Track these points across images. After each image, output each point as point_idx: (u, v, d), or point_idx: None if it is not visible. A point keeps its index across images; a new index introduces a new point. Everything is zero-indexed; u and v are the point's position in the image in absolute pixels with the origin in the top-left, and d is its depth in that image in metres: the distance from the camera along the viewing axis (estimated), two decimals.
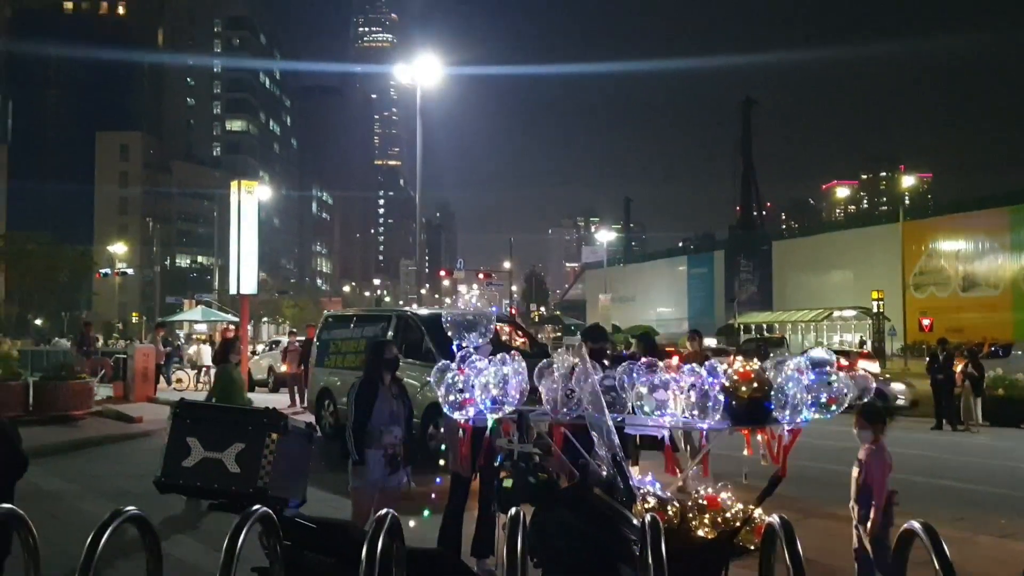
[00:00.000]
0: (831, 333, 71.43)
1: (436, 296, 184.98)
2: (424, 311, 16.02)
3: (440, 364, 5.77)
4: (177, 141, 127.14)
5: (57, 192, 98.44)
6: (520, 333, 17.77)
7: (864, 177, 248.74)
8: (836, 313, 69.35)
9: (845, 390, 4.79)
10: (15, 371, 18.03)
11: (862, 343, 61.04)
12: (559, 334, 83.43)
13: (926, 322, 49.37)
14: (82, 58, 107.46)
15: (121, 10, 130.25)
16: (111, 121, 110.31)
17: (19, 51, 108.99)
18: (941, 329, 43.16)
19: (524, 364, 5.49)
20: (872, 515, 6.01)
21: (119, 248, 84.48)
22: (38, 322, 79.86)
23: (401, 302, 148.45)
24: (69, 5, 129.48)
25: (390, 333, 14.58)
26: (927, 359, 28.02)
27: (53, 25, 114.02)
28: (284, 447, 5.19)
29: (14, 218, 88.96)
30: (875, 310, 53.94)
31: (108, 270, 77.76)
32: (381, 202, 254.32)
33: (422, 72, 31.44)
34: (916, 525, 3.55)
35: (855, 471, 6.27)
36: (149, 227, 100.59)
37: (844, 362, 5.36)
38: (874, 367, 38.63)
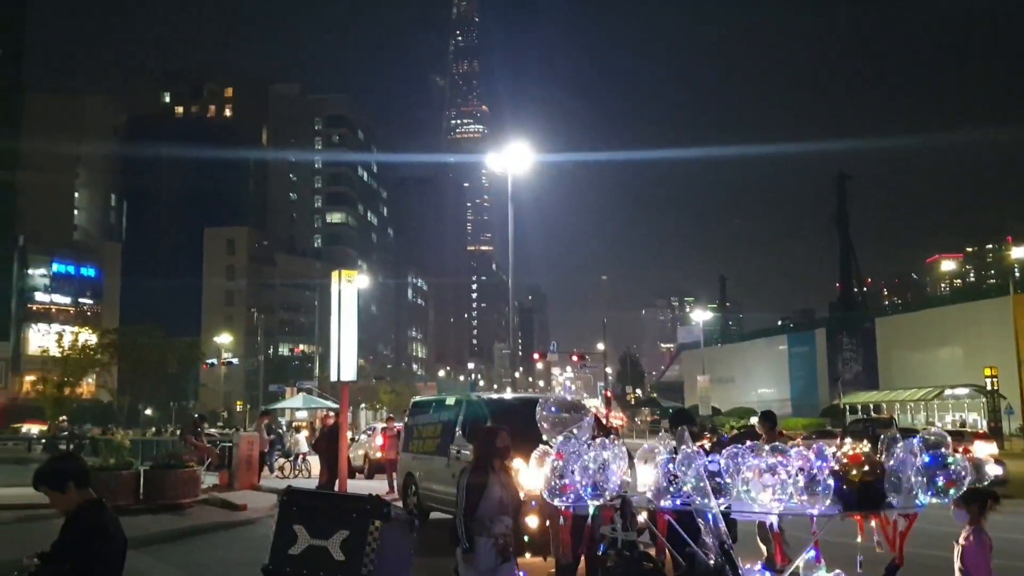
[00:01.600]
0: (942, 412, 68.45)
1: (530, 379, 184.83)
2: (489, 396, 16.21)
3: (539, 449, 5.76)
4: (280, 234, 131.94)
5: (167, 287, 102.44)
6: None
7: (969, 250, 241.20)
8: (947, 391, 66.53)
9: (963, 472, 4.60)
10: (127, 460, 18.60)
11: (962, 424, 58.41)
12: (656, 417, 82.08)
13: None
14: (191, 158, 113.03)
15: (228, 112, 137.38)
16: (218, 216, 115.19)
17: (132, 154, 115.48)
18: None
19: (625, 449, 5.44)
20: None
21: (225, 339, 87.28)
22: (148, 412, 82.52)
23: (495, 386, 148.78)
24: (179, 109, 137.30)
25: (460, 418, 14.80)
26: None
27: (164, 128, 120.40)
28: (387, 534, 5.22)
29: (127, 312, 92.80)
30: (989, 388, 51.57)
31: (214, 360, 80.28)
32: (474, 287, 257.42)
33: (513, 160, 31.99)
34: None
35: (955, 556, 5.92)
36: (253, 317, 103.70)
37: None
38: (991, 448, 36.81)
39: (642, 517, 5.91)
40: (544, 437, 6.25)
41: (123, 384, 74.28)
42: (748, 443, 5.28)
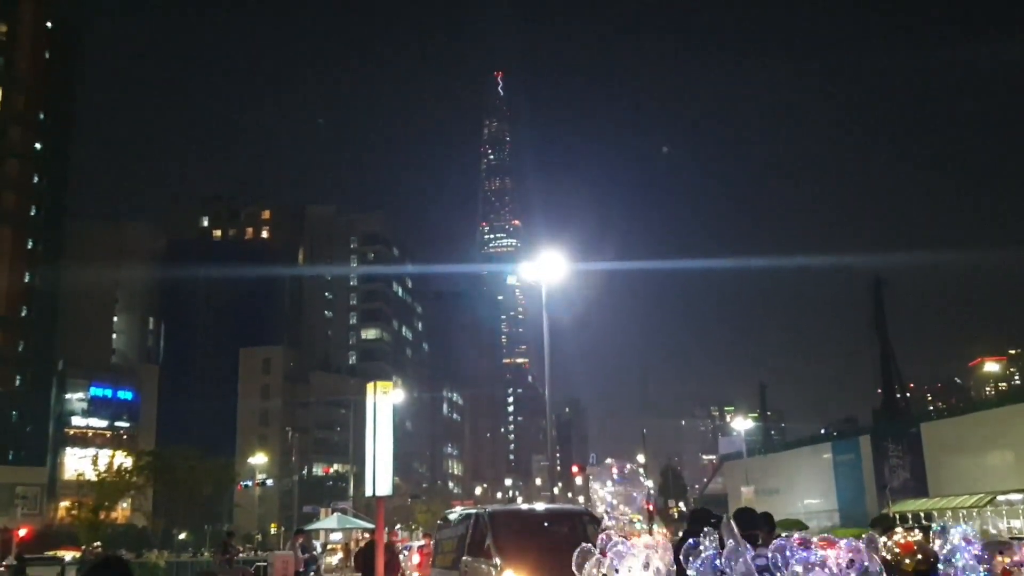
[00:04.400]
0: (996, 519, 66.04)
1: (569, 495, 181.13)
2: (494, 508, 16.41)
3: (582, 548, 5.64)
4: (316, 351, 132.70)
5: (203, 408, 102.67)
6: None
7: (1012, 352, 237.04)
8: (1001, 497, 64.35)
9: (1022, 561, 4.43)
10: None
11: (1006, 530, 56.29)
12: None
13: None
14: (228, 280, 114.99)
15: (265, 234, 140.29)
16: (255, 336, 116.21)
17: (171, 277, 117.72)
18: None
19: (670, 546, 5.32)
20: None
21: (259, 459, 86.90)
22: (182, 536, 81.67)
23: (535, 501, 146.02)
24: (217, 232, 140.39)
25: (469, 531, 14.90)
26: None
27: (202, 252, 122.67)
28: None
29: (163, 434, 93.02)
30: None
31: (249, 482, 79.76)
32: (510, 400, 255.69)
33: (546, 270, 31.98)
34: None
35: None
36: (288, 437, 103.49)
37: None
38: None
39: None
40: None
41: (158, 507, 73.86)
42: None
